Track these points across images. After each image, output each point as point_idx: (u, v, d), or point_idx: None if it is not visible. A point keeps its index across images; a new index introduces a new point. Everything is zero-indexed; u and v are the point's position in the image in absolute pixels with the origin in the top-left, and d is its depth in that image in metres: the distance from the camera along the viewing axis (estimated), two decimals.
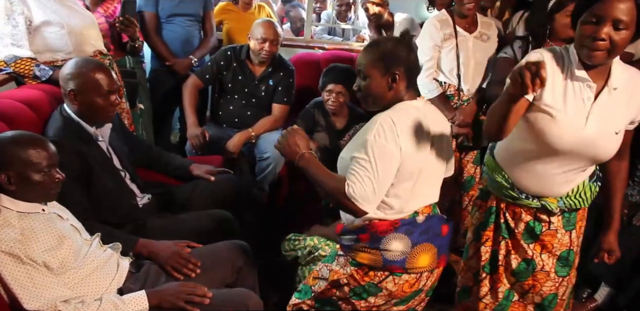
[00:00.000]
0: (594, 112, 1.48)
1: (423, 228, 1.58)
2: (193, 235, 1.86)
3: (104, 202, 1.82)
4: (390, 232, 1.55)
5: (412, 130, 1.49)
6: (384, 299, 1.61)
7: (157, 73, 3.16)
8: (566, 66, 1.48)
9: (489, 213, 1.73)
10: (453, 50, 2.58)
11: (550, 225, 1.65)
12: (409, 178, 1.52)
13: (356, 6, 4.01)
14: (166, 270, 1.68)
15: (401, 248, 1.55)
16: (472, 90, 2.64)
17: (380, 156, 1.45)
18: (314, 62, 3.37)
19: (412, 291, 1.61)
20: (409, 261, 1.56)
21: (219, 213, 2.04)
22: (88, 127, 1.85)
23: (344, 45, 3.92)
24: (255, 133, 2.79)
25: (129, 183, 1.98)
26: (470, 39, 2.61)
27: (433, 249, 1.58)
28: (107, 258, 1.56)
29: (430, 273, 1.62)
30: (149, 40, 3.04)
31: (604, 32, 1.34)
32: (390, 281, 1.57)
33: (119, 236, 1.70)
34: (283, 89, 2.87)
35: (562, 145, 1.49)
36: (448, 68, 2.60)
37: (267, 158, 2.66)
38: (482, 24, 2.65)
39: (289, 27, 4.27)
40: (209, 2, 3.22)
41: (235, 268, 1.77)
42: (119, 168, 1.96)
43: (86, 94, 1.79)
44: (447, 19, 2.60)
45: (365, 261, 1.59)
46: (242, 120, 2.85)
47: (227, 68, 2.85)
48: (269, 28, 2.73)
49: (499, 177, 1.66)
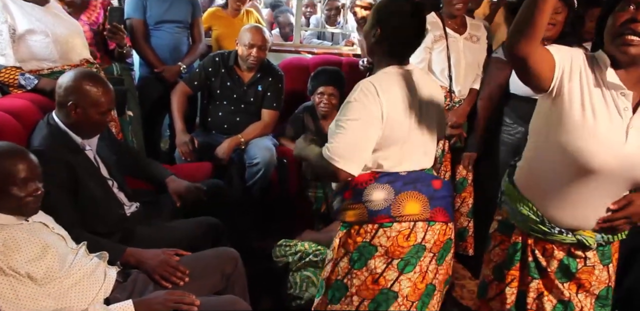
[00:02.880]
0: (635, 125, 1.29)
1: (407, 179, 1.54)
2: (182, 243, 1.84)
3: (91, 211, 1.80)
4: (371, 183, 1.53)
5: (395, 94, 1.50)
6: (384, 261, 1.53)
7: (145, 80, 3.15)
8: (597, 71, 1.32)
9: (514, 250, 1.52)
10: (444, 51, 2.59)
11: (586, 261, 1.45)
12: (397, 141, 1.52)
13: (345, 10, 4.01)
14: (154, 278, 1.65)
15: (383, 196, 1.52)
16: (463, 92, 2.65)
17: (358, 116, 1.47)
18: (303, 66, 3.37)
19: (411, 247, 1.52)
20: (394, 208, 1.51)
21: (208, 220, 2.02)
22: (75, 137, 1.84)
23: (334, 49, 3.92)
24: (244, 139, 2.78)
25: (117, 192, 1.96)
26: (460, 40, 2.62)
27: (422, 197, 1.53)
28: (93, 267, 1.54)
29: (429, 225, 1.54)
30: (138, 47, 3.03)
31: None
32: (381, 235, 1.52)
33: (105, 245, 1.68)
34: (272, 95, 2.86)
35: (599, 164, 1.29)
36: (439, 69, 2.61)
37: (257, 164, 2.65)
38: (471, 26, 2.67)
39: (278, 32, 4.27)
40: (197, 9, 3.22)
41: (224, 276, 1.74)
42: (107, 177, 1.94)
43: (86, 109, 1.79)
44: (437, 21, 2.61)
45: (352, 218, 1.56)
46: (231, 126, 2.84)
47: (215, 74, 2.84)
48: (257, 34, 2.73)
49: (524, 209, 1.45)
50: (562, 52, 1.33)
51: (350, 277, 1.56)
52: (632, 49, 1.24)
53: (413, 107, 1.53)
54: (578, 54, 1.34)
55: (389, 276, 1.53)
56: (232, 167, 2.71)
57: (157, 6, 3.02)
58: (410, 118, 1.53)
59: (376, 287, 1.54)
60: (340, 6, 4.11)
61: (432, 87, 1.64)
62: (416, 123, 1.55)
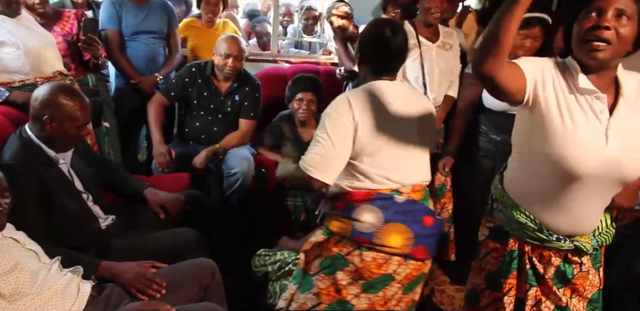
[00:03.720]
0: (613, 127, 1.32)
1: (400, 208, 1.58)
2: (159, 255, 1.82)
3: (65, 225, 1.78)
4: (365, 203, 1.57)
5: (371, 108, 1.56)
6: (351, 276, 1.58)
7: (122, 91, 3.13)
8: (569, 78, 1.34)
9: (510, 258, 1.51)
10: (417, 59, 2.62)
11: (582, 266, 1.47)
12: (377, 153, 1.57)
13: (322, 20, 4.04)
14: (130, 292, 1.64)
15: (372, 220, 1.55)
16: (438, 99, 2.68)
17: (331, 128, 1.55)
18: (281, 76, 3.38)
19: (380, 275, 1.57)
20: (378, 236, 1.55)
21: (185, 231, 2.00)
22: (48, 151, 1.82)
23: (311, 58, 3.94)
24: (222, 148, 2.76)
25: (92, 205, 1.94)
26: (433, 48, 2.66)
27: (408, 233, 1.56)
28: (66, 282, 1.52)
29: (405, 260, 1.58)
30: (113, 58, 3.02)
31: (606, 19, 1.24)
32: (357, 255, 1.57)
33: (80, 259, 1.65)
34: (249, 104, 2.86)
35: (585, 169, 1.30)
36: (413, 77, 2.64)
37: (235, 173, 2.64)
38: (444, 34, 2.71)
39: (255, 41, 4.28)
40: (173, 19, 3.21)
41: (202, 287, 1.73)
42: (81, 190, 1.92)
43: (62, 123, 1.77)
44: (410, 30, 2.65)
45: (336, 229, 1.61)
46: (208, 136, 2.82)
47: (192, 85, 2.83)
48: (233, 43, 2.73)
49: (522, 218, 1.44)
50: (531, 63, 1.34)
51: (318, 278, 1.63)
52: (599, 54, 1.26)
53: (394, 121, 1.58)
54: (548, 63, 1.36)
55: (351, 290, 1.59)
56: (210, 177, 2.70)
57: (132, 17, 3.01)
58: (391, 132, 1.57)
59: (337, 296, 1.59)
60: (317, 15, 4.13)
61: (420, 102, 1.68)
62: (399, 137, 1.59)
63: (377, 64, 1.62)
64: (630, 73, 1.37)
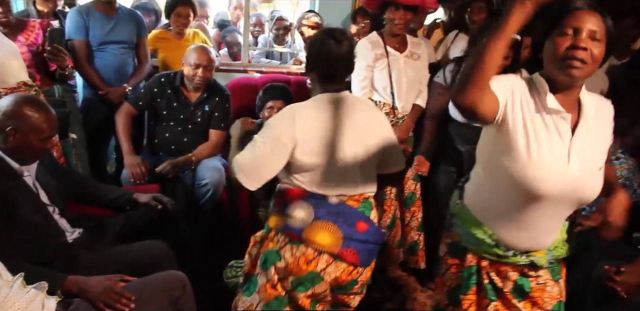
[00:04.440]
0: (575, 147, 1.34)
1: (333, 209, 1.62)
2: (128, 268, 1.79)
3: (29, 239, 1.74)
4: (299, 199, 1.62)
5: (316, 120, 1.58)
6: (282, 273, 1.62)
7: (90, 102, 3.09)
8: (536, 97, 1.35)
9: (469, 274, 1.52)
10: (385, 69, 2.66)
11: (538, 279, 1.49)
12: (317, 166, 1.59)
13: (293, 30, 4.06)
14: (98, 306, 1.60)
15: (302, 216, 1.60)
16: (406, 108, 2.72)
17: (268, 135, 1.58)
18: (251, 86, 3.38)
19: (309, 273, 1.59)
20: (307, 231, 1.59)
21: (155, 243, 1.98)
22: (12, 163, 1.78)
23: (282, 68, 3.95)
24: (195, 158, 2.74)
25: (58, 219, 1.90)
26: (401, 58, 2.70)
27: (338, 233, 1.59)
28: (30, 299, 1.47)
29: (334, 261, 1.60)
30: (80, 69, 2.98)
31: (582, 40, 1.26)
32: (288, 249, 1.61)
33: (45, 274, 1.61)
34: (219, 114, 2.85)
35: (546, 190, 1.32)
36: (381, 87, 2.67)
37: (206, 184, 2.62)
38: (411, 44, 2.75)
39: (226, 52, 4.27)
40: (142, 29, 3.19)
41: (172, 300, 1.71)
42: (47, 203, 1.88)
43: (26, 135, 1.74)
44: (378, 40, 2.69)
45: (272, 224, 1.67)
46: (178, 147, 2.79)
47: (161, 95, 2.81)
48: (202, 54, 2.72)
49: (479, 233, 1.46)
50: (502, 84, 1.34)
51: (258, 276, 1.68)
52: (575, 72, 1.28)
53: (338, 136, 1.60)
54: (517, 82, 1.37)
55: (284, 286, 1.64)
56: (179, 188, 2.67)
57: (100, 27, 2.98)
58: (334, 145, 1.59)
59: (273, 292, 1.64)
60: (288, 26, 4.15)
61: (367, 113, 1.69)
62: (342, 153, 1.61)
63: (321, 71, 1.65)
64: (590, 93, 1.40)
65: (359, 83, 2.64)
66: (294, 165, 1.61)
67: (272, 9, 4.91)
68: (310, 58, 1.69)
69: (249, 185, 1.59)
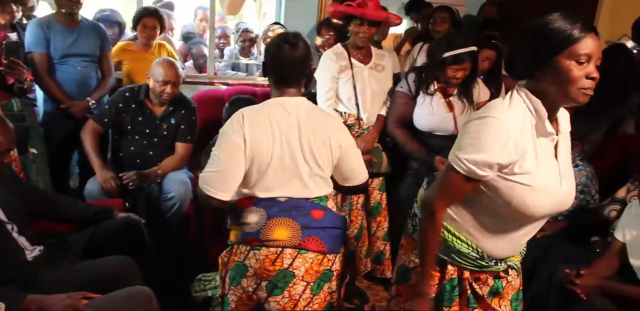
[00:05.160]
0: (561, 164, 1.35)
1: (284, 206, 1.63)
2: (91, 285, 1.75)
3: None
4: (249, 206, 1.64)
5: (264, 124, 1.60)
6: (254, 281, 1.61)
7: (51, 116, 3.02)
8: (532, 125, 1.30)
9: (451, 287, 1.53)
10: (349, 80, 2.69)
11: (508, 277, 1.55)
12: (267, 169, 1.60)
13: (259, 42, 4.08)
14: None
15: (256, 219, 1.61)
16: (371, 118, 2.75)
17: (223, 145, 1.59)
18: (218, 98, 3.37)
19: (278, 272, 1.59)
20: (263, 232, 1.60)
21: (119, 258, 1.94)
22: None
23: (248, 80, 3.96)
24: (162, 172, 2.71)
25: (17, 237, 1.84)
26: (365, 69, 2.74)
27: (294, 224, 1.60)
28: None
29: (299, 253, 1.60)
30: (41, 82, 2.92)
31: (595, 70, 1.24)
32: (252, 257, 1.60)
33: (2, 294, 1.56)
34: (186, 127, 2.83)
35: (542, 211, 1.34)
36: (346, 98, 2.70)
37: (171, 198, 2.59)
38: (376, 56, 2.80)
39: (192, 64, 4.26)
40: (105, 42, 3.15)
41: None
42: (5, 220, 1.83)
43: None
44: (342, 52, 2.72)
45: (233, 238, 1.68)
46: (144, 160, 2.75)
47: (126, 110, 2.76)
48: (170, 69, 2.70)
49: (464, 248, 1.45)
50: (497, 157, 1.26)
51: (230, 293, 1.66)
52: (586, 99, 1.26)
53: (285, 137, 1.61)
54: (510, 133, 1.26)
55: (259, 295, 1.62)
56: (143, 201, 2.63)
57: (61, 39, 2.93)
58: (279, 147, 1.60)
59: (251, 303, 1.63)
60: (254, 38, 4.17)
61: (321, 121, 1.69)
62: (290, 153, 1.62)
63: (276, 74, 1.67)
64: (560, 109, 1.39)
65: (324, 95, 2.66)
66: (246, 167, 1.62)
67: (237, 21, 4.92)
68: (265, 62, 1.70)
69: (223, 197, 1.59)
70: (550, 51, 1.24)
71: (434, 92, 2.56)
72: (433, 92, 2.56)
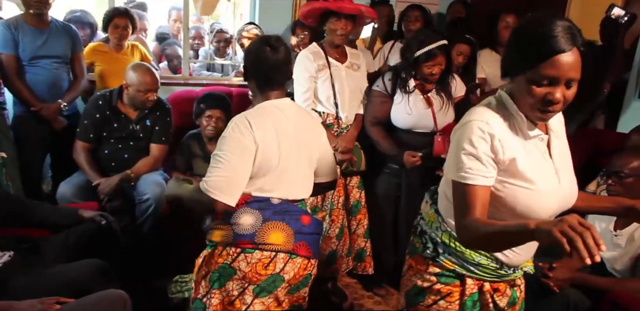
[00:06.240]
0: (557, 163, 1.34)
1: (277, 208, 1.62)
2: (64, 290, 1.72)
3: None
4: (242, 206, 1.61)
5: (268, 127, 1.60)
6: (240, 285, 1.59)
7: (21, 119, 2.96)
8: (517, 129, 1.29)
9: (473, 302, 1.45)
10: (328, 80, 2.69)
11: (520, 286, 1.54)
12: (270, 171, 1.60)
13: (234, 42, 4.06)
14: None
15: (251, 221, 1.59)
16: (350, 117, 2.76)
17: (233, 149, 1.56)
18: (193, 99, 3.30)
19: (269, 276, 1.59)
20: (259, 235, 1.58)
21: (93, 262, 1.91)
22: None
23: (224, 80, 3.93)
24: (134, 174, 2.68)
25: None
26: (342, 68, 2.74)
27: (288, 230, 1.61)
28: None
29: (291, 257, 1.61)
30: (10, 84, 2.86)
31: (559, 93, 1.18)
32: (242, 259, 1.58)
33: None
34: (160, 129, 2.80)
35: (548, 213, 1.32)
36: (325, 97, 2.70)
37: (147, 200, 2.56)
38: (351, 55, 2.81)
39: (166, 65, 4.21)
40: (77, 43, 3.10)
41: None
42: None
43: None
44: (319, 51, 2.72)
45: (218, 238, 1.62)
46: (119, 163, 2.72)
47: (103, 119, 2.71)
48: (152, 77, 2.68)
49: (483, 260, 1.40)
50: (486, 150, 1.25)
51: (209, 297, 1.62)
52: (549, 116, 1.24)
53: (286, 139, 1.63)
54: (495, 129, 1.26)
55: (244, 300, 1.60)
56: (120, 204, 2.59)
57: (30, 41, 2.88)
58: (282, 150, 1.61)
59: (231, 309, 1.59)
60: (228, 38, 4.15)
61: (306, 123, 1.73)
62: (290, 155, 1.64)
63: (260, 78, 1.67)
64: None
65: (302, 95, 2.66)
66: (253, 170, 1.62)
67: (212, 22, 4.89)
68: (247, 67, 1.70)
69: (231, 202, 1.56)
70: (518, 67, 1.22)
71: (413, 89, 2.59)
72: (412, 90, 2.59)
